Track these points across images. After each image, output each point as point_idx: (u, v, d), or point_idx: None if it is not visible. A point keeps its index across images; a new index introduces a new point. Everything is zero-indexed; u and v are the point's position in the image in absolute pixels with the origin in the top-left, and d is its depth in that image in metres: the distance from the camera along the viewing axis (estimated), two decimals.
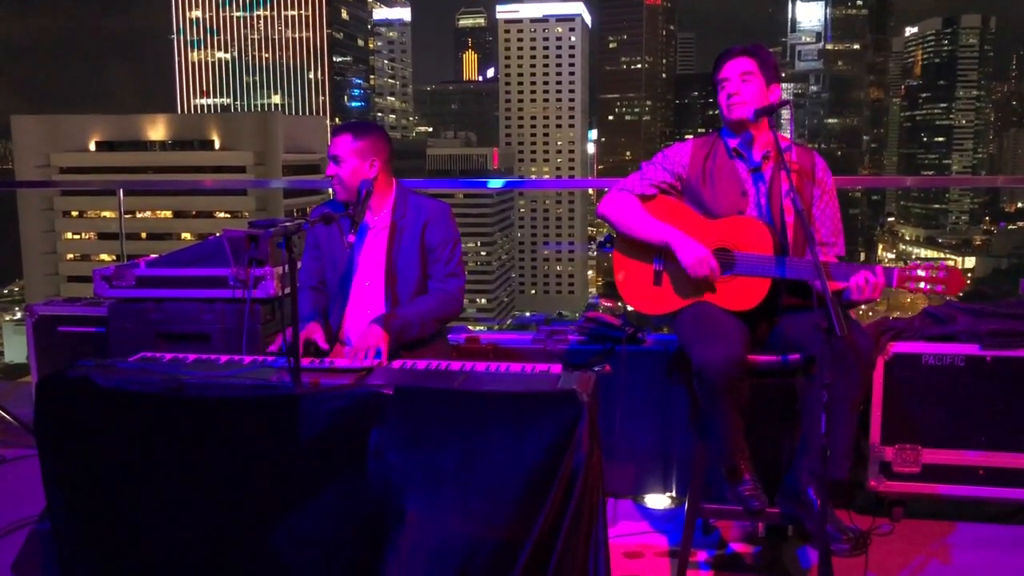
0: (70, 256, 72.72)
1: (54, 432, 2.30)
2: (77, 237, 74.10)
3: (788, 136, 2.90)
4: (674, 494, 3.64)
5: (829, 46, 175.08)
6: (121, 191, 5.13)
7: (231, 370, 2.40)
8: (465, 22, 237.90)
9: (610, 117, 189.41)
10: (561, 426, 2.11)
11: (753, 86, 2.87)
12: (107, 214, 73.32)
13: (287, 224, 2.24)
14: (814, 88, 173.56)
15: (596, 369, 2.48)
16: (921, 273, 2.63)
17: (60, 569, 2.34)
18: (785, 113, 2.95)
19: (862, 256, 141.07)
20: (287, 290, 2.21)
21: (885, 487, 3.35)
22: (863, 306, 2.96)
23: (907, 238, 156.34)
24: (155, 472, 2.23)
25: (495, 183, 6.69)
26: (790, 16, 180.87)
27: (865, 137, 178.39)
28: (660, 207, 2.98)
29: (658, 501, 3.63)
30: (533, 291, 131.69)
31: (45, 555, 2.48)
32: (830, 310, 2.34)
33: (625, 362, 3.58)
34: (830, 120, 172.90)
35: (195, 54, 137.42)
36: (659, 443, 3.63)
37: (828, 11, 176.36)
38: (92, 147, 77.71)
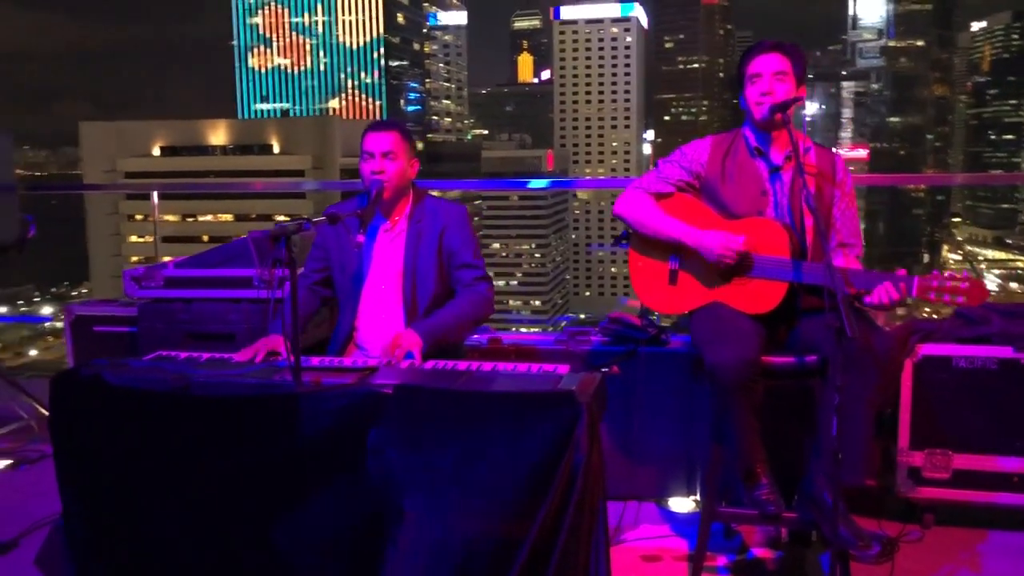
0: (134, 259, 74.53)
1: (66, 428, 2.36)
2: (141, 240, 76.01)
3: (804, 135, 2.84)
4: (698, 497, 3.59)
5: (891, 43, 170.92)
6: (155, 194, 5.27)
7: (237, 369, 2.44)
8: (520, 24, 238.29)
9: (666, 117, 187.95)
10: (559, 426, 2.10)
11: (787, 86, 2.81)
12: (170, 218, 75.17)
13: (286, 223, 2.25)
14: (875, 86, 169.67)
15: (604, 370, 2.46)
16: (942, 283, 2.54)
17: (73, 563, 2.40)
18: (808, 113, 2.88)
19: (925, 258, 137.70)
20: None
21: (914, 493, 3.26)
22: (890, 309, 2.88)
23: (974, 239, 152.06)
24: (160, 469, 2.27)
25: (537, 183, 6.67)
26: (851, 13, 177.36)
27: (929, 136, 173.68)
28: (677, 205, 2.94)
29: (682, 504, 3.58)
30: (588, 292, 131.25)
31: (65, 549, 2.54)
32: (841, 311, 2.29)
33: (648, 364, 3.54)
34: (892, 119, 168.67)
35: (255, 60, 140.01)
36: (683, 445, 3.58)
37: (890, 7, 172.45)
38: (156, 152, 79.76)
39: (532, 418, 2.10)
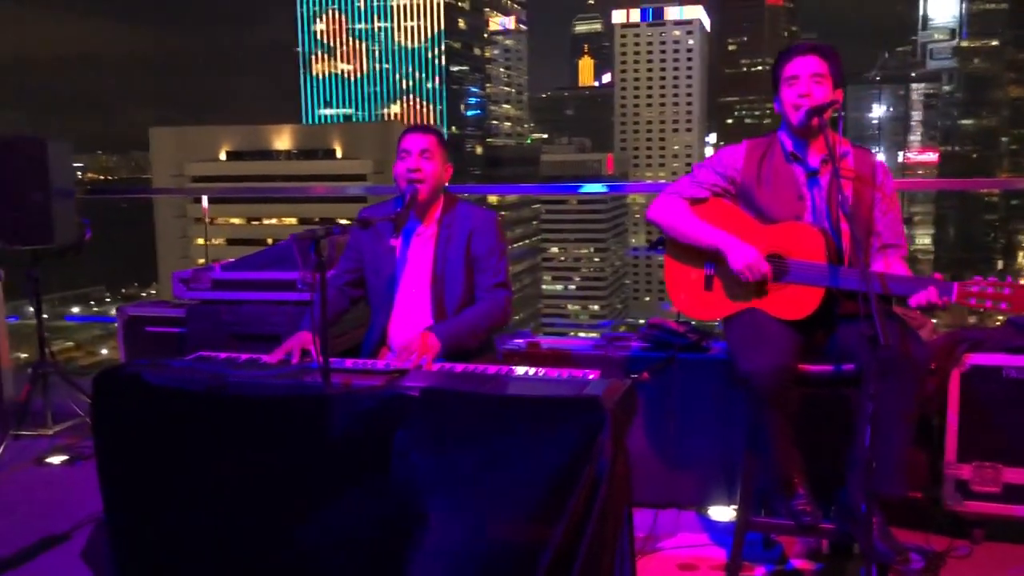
0: (200, 261, 76.10)
1: (107, 426, 2.43)
2: (207, 243, 77.81)
3: (842, 138, 2.79)
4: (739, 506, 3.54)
5: (964, 43, 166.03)
6: (205, 198, 5.44)
7: (272, 370, 2.48)
8: (581, 28, 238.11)
9: (729, 120, 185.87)
10: (583, 433, 2.09)
11: (824, 88, 2.76)
12: (235, 220, 76.96)
13: (315, 228, 2.30)
14: (947, 88, 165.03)
15: (634, 376, 2.45)
16: (983, 289, 2.47)
17: (113, 558, 2.47)
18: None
19: (999, 264, 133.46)
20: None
21: (962, 507, 3.16)
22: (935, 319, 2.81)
23: None
24: (194, 467, 2.32)
25: (593, 188, 6.69)
26: (921, 13, 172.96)
27: (1004, 139, 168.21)
28: (713, 211, 2.91)
29: (722, 513, 3.54)
30: (648, 298, 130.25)
31: (106, 544, 2.61)
32: (875, 318, 2.24)
33: (688, 370, 3.51)
34: (964, 121, 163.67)
35: (318, 66, 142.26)
36: (723, 454, 3.53)
37: (963, 7, 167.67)
38: (223, 157, 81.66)
39: (555, 423, 2.10)
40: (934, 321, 3.41)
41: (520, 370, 2.50)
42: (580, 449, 2.08)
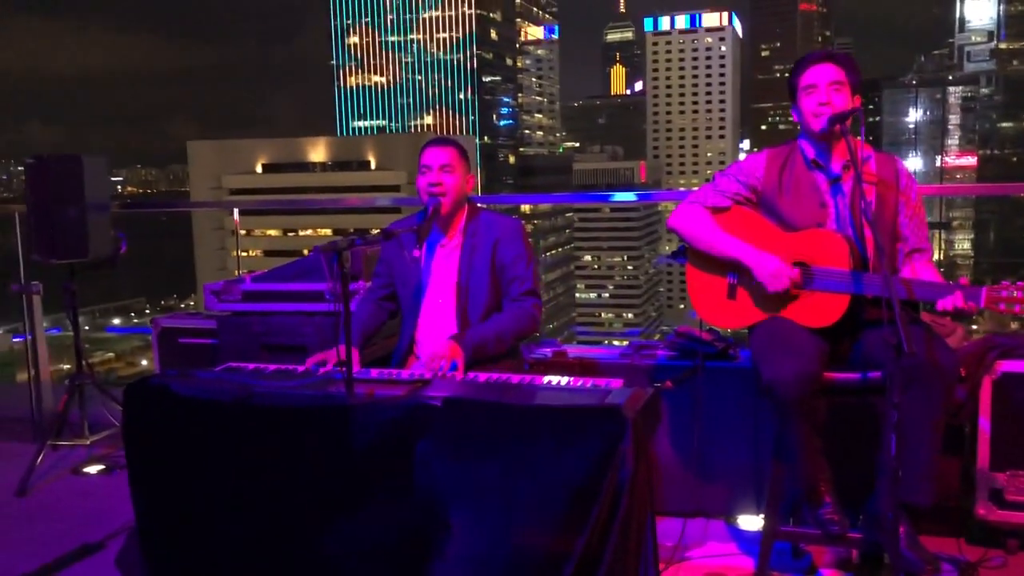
0: (238, 273, 77.14)
1: (136, 435, 2.48)
2: (245, 255, 78.82)
3: (863, 143, 2.77)
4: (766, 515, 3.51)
5: (1002, 45, 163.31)
6: (236, 211, 5.54)
7: (297, 380, 2.52)
8: (613, 36, 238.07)
9: (763, 127, 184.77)
10: (604, 441, 2.10)
11: (843, 95, 2.75)
12: (272, 232, 77.85)
13: (337, 240, 2.33)
14: (985, 90, 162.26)
15: (657, 385, 2.45)
16: (1012, 294, 2.44)
17: (145, 565, 2.51)
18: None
19: None
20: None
21: (996, 516, 3.11)
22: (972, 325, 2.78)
23: None
24: (221, 476, 2.37)
25: (623, 197, 6.66)
26: (958, 15, 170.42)
27: None
28: (735, 219, 2.90)
29: (750, 522, 3.51)
30: (682, 306, 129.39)
31: (139, 552, 2.66)
32: (899, 326, 2.22)
33: (715, 379, 3.49)
34: (1004, 124, 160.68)
35: (352, 78, 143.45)
36: (752, 462, 3.51)
37: (1001, 8, 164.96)
38: (259, 169, 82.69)
39: (576, 432, 2.11)
40: (975, 327, 3.36)
41: (543, 379, 2.51)
42: (601, 458, 2.09)
